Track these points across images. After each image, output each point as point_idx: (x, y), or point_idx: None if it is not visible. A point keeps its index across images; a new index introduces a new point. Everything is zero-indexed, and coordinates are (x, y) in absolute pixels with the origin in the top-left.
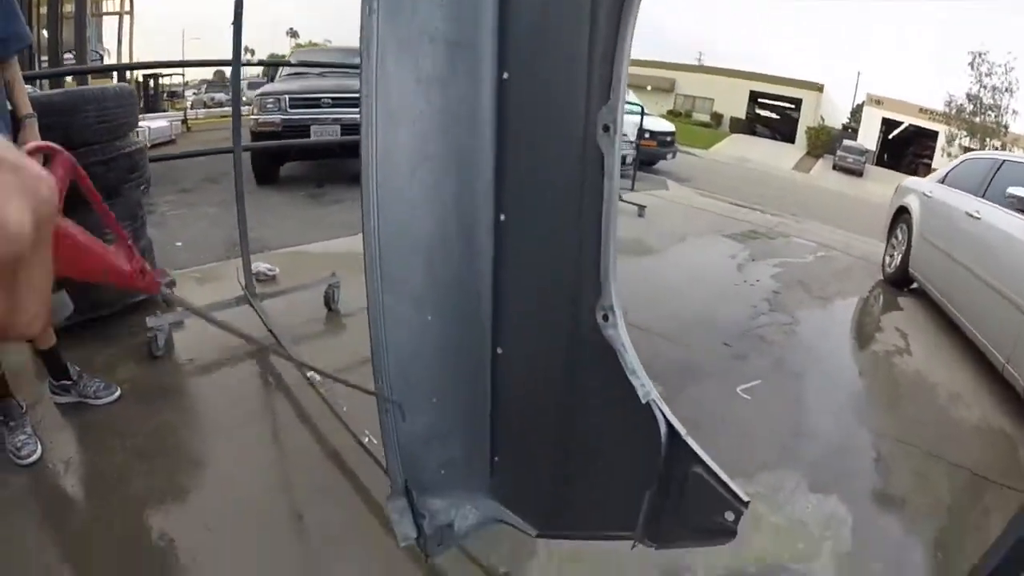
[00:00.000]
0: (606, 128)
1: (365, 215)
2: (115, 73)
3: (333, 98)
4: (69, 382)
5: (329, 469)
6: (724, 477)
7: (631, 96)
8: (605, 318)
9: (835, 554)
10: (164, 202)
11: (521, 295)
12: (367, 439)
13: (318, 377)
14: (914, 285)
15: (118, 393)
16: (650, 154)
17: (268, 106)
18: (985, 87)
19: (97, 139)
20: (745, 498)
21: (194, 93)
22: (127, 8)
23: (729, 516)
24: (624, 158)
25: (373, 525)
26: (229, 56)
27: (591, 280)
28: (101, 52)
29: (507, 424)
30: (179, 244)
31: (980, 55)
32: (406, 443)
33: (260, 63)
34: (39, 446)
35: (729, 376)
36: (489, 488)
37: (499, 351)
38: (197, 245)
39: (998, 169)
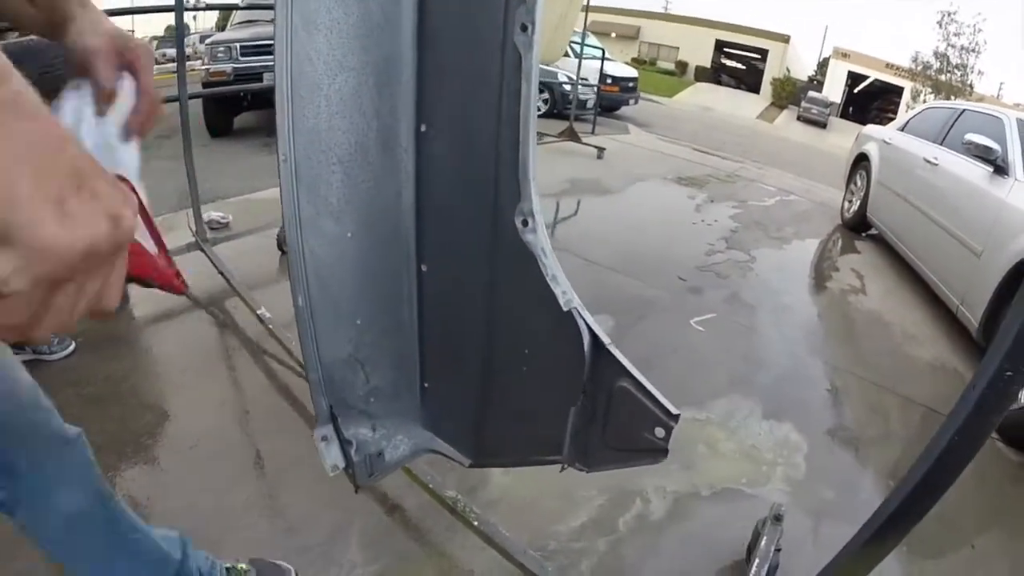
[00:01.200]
0: (524, 28)
1: (279, 124)
2: None
3: None
4: None
5: (280, 403)
6: (652, 389)
7: (593, 40)
8: (524, 223)
9: (788, 479)
10: None
11: (443, 207)
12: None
13: (268, 315)
14: (872, 231)
15: (72, 346)
16: (612, 99)
17: (219, 55)
18: (953, 46)
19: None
20: (675, 411)
21: None
22: None
23: (659, 432)
24: (585, 102)
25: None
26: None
27: (511, 185)
28: None
29: (435, 347)
30: None
31: (949, 15)
32: (329, 365)
33: (207, 7)
34: None
35: (684, 309)
36: (420, 417)
37: (424, 268)
38: (150, 199)
39: (958, 118)
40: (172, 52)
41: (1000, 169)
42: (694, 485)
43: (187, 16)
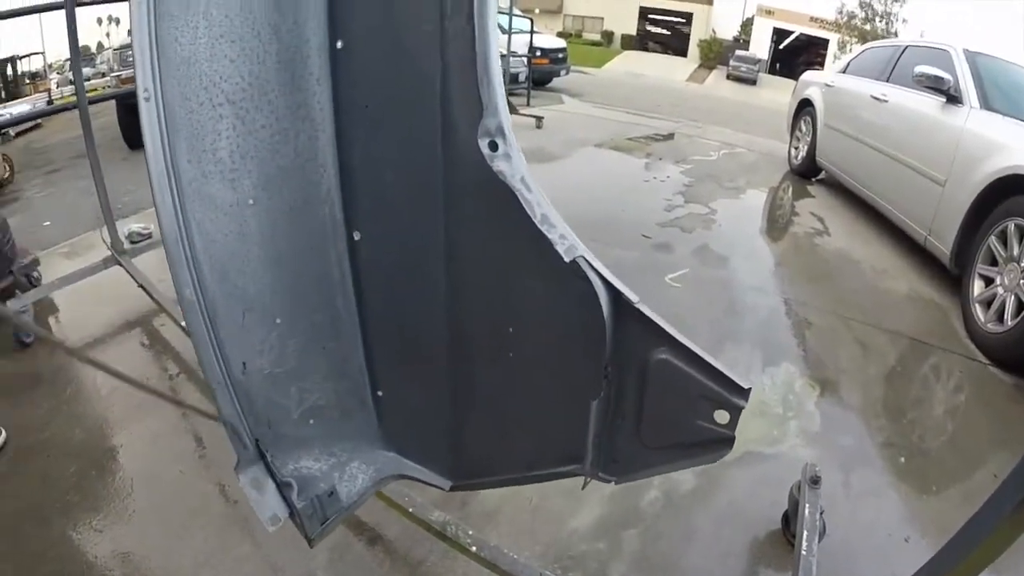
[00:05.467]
0: None
1: (138, 49)
2: None
3: None
4: None
5: (221, 431)
6: (708, 358)
7: (520, 15)
8: (493, 146)
9: (804, 433)
10: (31, 186)
11: (374, 151)
12: None
13: None
14: (821, 175)
15: (2, 438)
16: (543, 72)
17: (129, 59)
18: None
19: None
20: (745, 385)
21: (58, 73)
22: None
23: (721, 417)
24: (516, 76)
25: None
26: (89, 36)
27: (467, 97)
28: None
29: (385, 342)
30: (47, 224)
31: None
32: (245, 383)
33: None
34: None
35: (656, 267)
36: (378, 435)
37: (356, 237)
38: (66, 220)
39: (901, 54)
40: (87, 71)
41: (953, 99)
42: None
43: (100, 33)
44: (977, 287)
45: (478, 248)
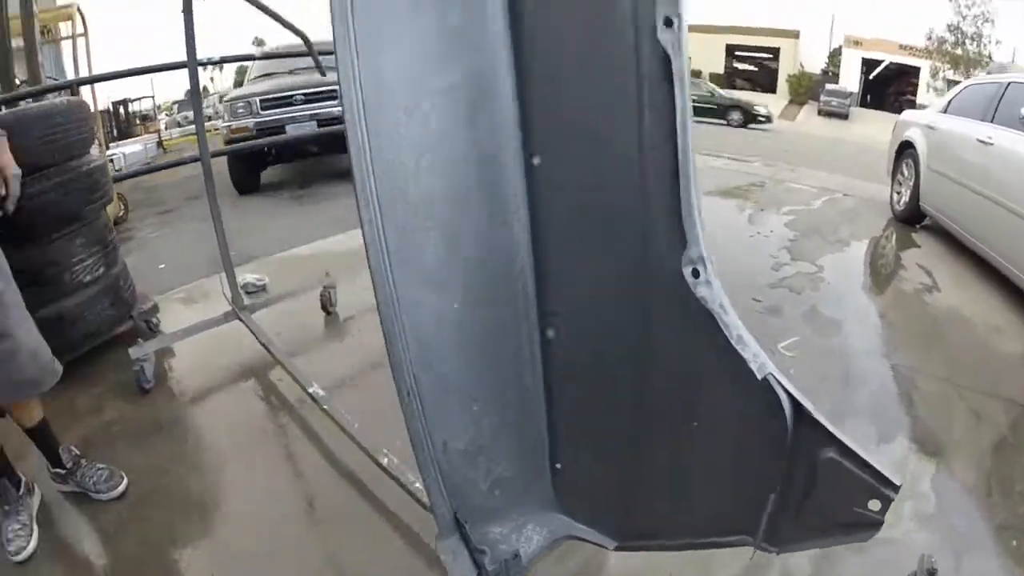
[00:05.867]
0: (668, 22)
1: (357, 177)
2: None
3: (306, 94)
4: (63, 471)
5: (347, 493)
6: (867, 457)
7: None
8: (695, 273)
9: (918, 515)
10: (145, 225)
11: (572, 260)
12: (386, 459)
13: (321, 392)
14: (926, 221)
15: (123, 486)
16: None
17: (239, 111)
18: (965, 17)
19: (49, 161)
20: (897, 481)
21: (167, 114)
22: (80, 31)
23: (874, 505)
24: None
25: (411, 559)
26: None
27: (668, 226)
28: (58, 79)
29: (568, 423)
30: (162, 266)
31: None
32: (446, 461)
33: (219, 61)
34: (31, 540)
35: (768, 334)
36: (552, 500)
37: (549, 335)
38: (181, 264)
39: (1005, 91)
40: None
41: None
42: None
43: (204, 78)
44: None
45: (673, 356)
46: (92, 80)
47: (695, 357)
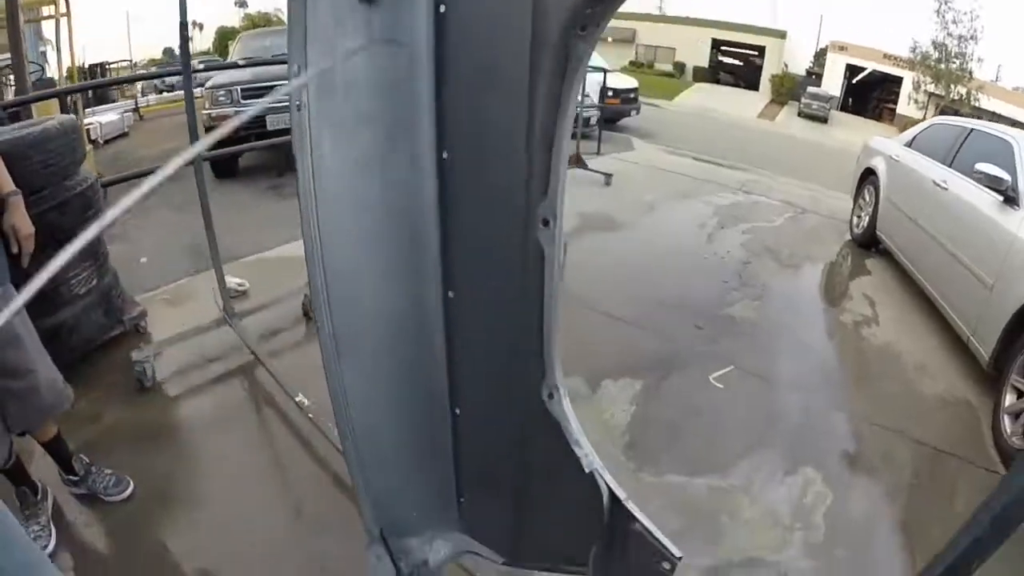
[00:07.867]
0: (545, 223)
1: (314, 292)
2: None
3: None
4: (76, 477)
5: (334, 496)
6: (658, 535)
7: (595, 56)
8: (550, 396)
9: (806, 544)
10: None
11: (473, 368)
12: None
13: (307, 402)
14: (882, 246)
15: (130, 490)
16: (614, 111)
17: (220, 99)
18: (951, 35)
19: (46, 184)
20: (677, 554)
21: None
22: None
23: (666, 566)
24: (588, 120)
25: None
26: (171, 40)
27: (537, 361)
28: (41, 63)
29: (469, 472)
30: (143, 260)
31: (946, 2)
32: (377, 495)
33: (208, 67)
34: (51, 539)
35: (703, 363)
36: (457, 523)
37: (457, 412)
38: (162, 258)
39: (966, 138)
40: (171, 79)
41: (1010, 199)
42: (725, 554)
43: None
44: (1009, 398)
45: (539, 444)
46: (79, 89)
47: (552, 448)
